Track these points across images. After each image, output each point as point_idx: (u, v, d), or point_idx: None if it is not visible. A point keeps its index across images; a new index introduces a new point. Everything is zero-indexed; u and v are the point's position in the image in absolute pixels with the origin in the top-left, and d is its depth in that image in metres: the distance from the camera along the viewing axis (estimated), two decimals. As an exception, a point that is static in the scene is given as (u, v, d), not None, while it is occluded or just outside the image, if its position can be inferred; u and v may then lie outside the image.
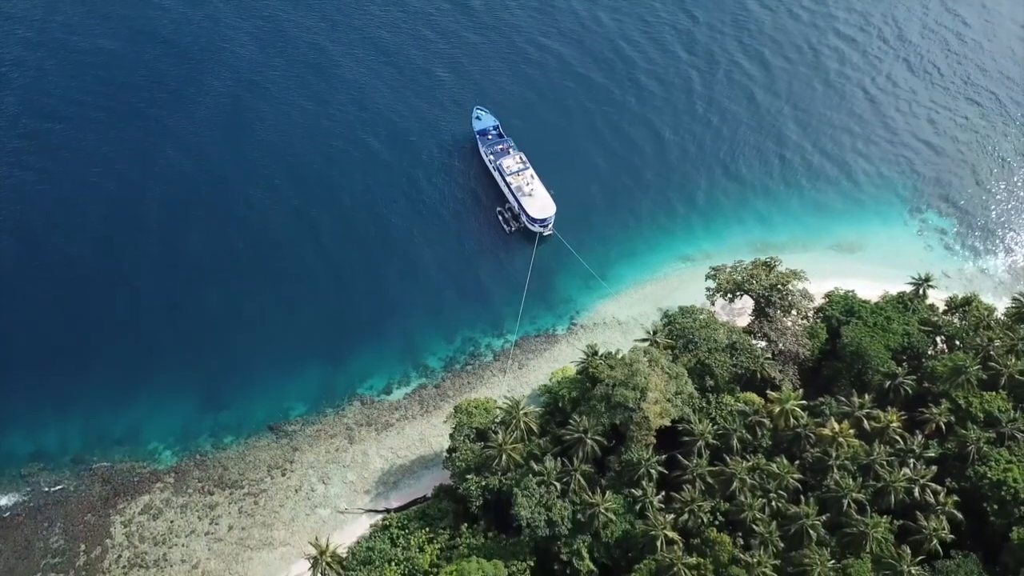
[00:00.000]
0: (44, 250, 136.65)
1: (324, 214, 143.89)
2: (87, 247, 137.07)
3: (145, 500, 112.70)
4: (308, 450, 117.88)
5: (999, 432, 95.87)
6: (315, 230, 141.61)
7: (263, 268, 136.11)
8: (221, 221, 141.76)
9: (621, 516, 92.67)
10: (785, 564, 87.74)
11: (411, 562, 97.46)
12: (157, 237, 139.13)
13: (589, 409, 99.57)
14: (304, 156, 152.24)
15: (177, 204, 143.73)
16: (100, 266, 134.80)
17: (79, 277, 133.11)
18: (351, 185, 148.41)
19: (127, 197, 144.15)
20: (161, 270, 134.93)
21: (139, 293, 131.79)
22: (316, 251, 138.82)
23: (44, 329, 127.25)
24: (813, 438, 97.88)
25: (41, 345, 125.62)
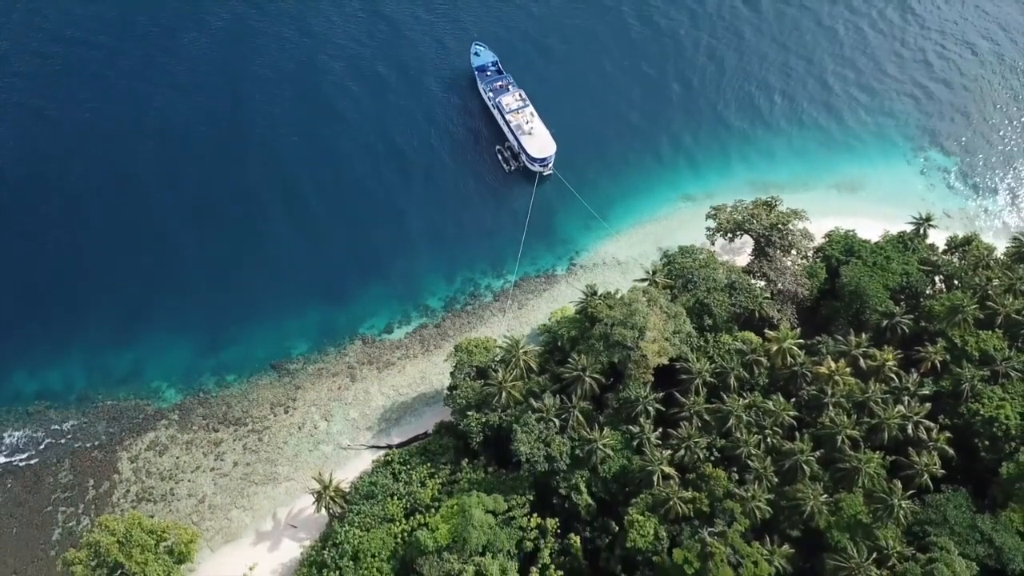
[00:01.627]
0: (43, 192, 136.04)
1: (322, 154, 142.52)
2: (87, 188, 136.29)
3: (151, 437, 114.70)
4: (310, 388, 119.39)
5: (993, 370, 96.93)
6: (314, 170, 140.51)
7: (263, 208, 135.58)
8: (220, 161, 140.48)
9: (619, 452, 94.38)
10: (779, 498, 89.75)
11: (413, 496, 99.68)
12: (157, 177, 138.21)
13: (588, 348, 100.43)
14: (301, 94, 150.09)
15: (176, 143, 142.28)
16: (101, 207, 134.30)
17: (79, 218, 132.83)
18: (349, 124, 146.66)
19: (126, 136, 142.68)
20: (162, 210, 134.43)
21: (140, 232, 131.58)
22: (315, 191, 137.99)
23: (45, 270, 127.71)
24: (810, 376, 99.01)
25: (42, 286, 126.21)
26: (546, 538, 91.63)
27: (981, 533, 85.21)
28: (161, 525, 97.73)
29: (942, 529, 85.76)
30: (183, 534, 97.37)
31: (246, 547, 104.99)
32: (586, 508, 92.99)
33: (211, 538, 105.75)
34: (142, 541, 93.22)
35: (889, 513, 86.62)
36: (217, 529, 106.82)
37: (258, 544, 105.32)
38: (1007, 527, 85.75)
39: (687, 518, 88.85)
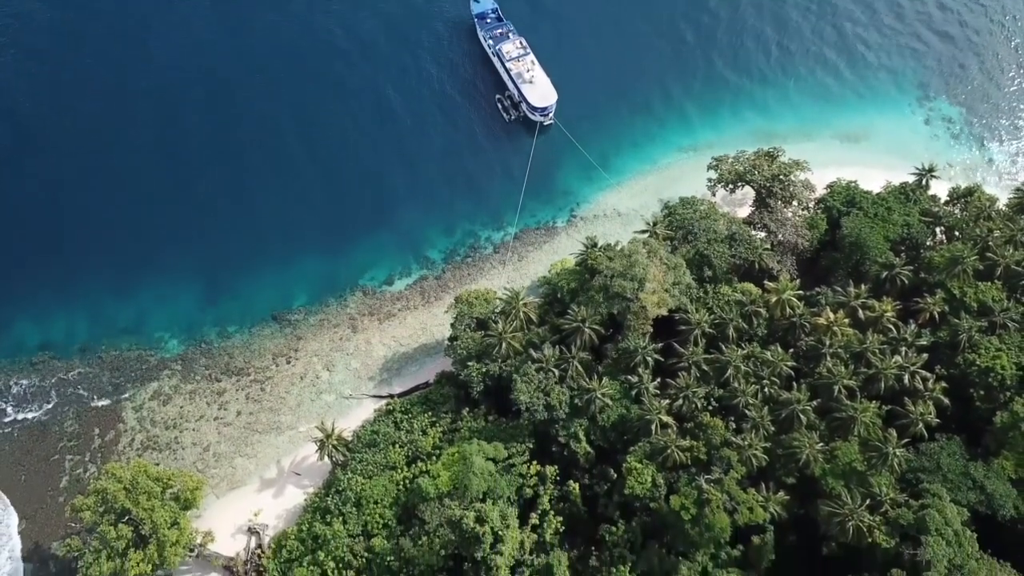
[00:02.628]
0: (43, 140, 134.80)
1: (320, 105, 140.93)
2: (85, 137, 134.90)
3: (154, 387, 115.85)
4: (312, 339, 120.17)
5: (991, 321, 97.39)
6: (312, 122, 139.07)
7: (263, 159, 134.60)
8: (220, 114, 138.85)
9: (617, 401, 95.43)
10: (775, 447, 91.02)
11: (414, 444, 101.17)
12: (157, 128, 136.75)
13: (587, 299, 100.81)
14: (300, 46, 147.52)
15: (176, 92, 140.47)
16: (100, 157, 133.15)
17: (79, 168, 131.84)
18: (347, 74, 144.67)
19: (127, 89, 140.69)
20: (162, 160, 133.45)
21: (140, 184, 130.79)
22: (313, 143, 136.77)
23: (45, 221, 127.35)
24: (808, 327, 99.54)
25: (43, 238, 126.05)
26: (545, 485, 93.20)
27: (973, 480, 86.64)
28: (167, 473, 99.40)
29: (935, 476, 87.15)
30: (188, 481, 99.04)
31: (250, 494, 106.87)
32: (585, 456, 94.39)
33: (216, 485, 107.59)
34: (148, 488, 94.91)
35: (883, 461, 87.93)
36: (222, 477, 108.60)
37: (262, 491, 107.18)
38: (999, 474, 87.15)
39: (684, 466, 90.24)
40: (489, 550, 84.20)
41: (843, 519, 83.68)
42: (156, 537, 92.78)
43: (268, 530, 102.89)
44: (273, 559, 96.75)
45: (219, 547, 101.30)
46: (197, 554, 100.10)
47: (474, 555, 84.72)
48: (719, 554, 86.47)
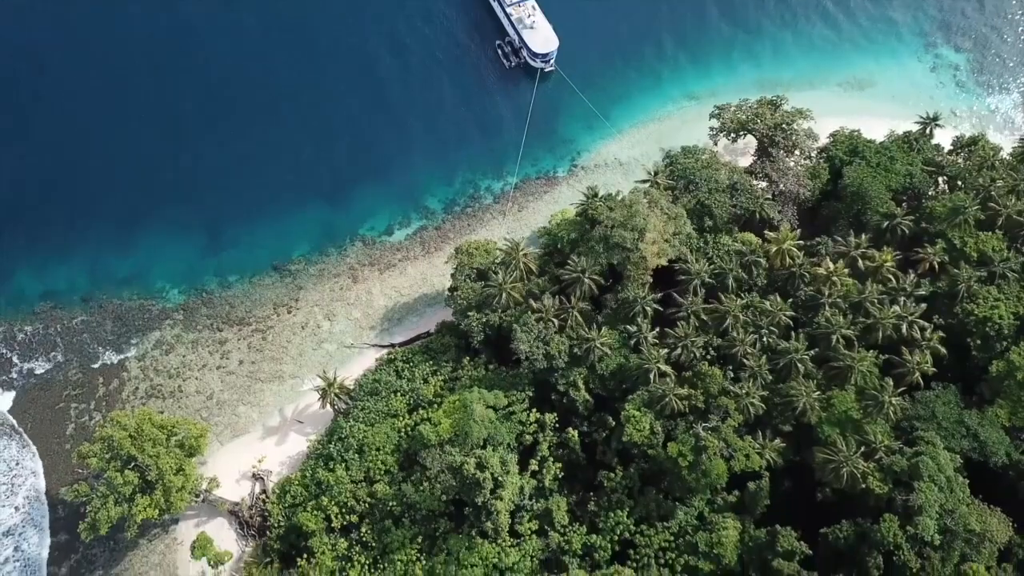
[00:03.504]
0: (43, 93, 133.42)
1: (318, 52, 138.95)
2: (85, 90, 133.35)
3: (156, 336, 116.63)
4: (312, 289, 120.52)
5: (990, 271, 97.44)
6: (312, 68, 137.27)
7: (263, 109, 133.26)
8: (220, 61, 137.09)
9: (616, 351, 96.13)
10: (772, 395, 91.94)
11: (416, 392, 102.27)
12: (155, 77, 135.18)
13: (588, 250, 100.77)
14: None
15: (175, 41, 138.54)
16: (99, 108, 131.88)
17: (78, 119, 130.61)
18: (345, 20, 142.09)
19: (125, 37, 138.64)
20: (160, 110, 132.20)
21: (139, 134, 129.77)
22: (311, 91, 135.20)
23: (45, 172, 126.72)
24: (808, 277, 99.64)
25: (43, 188, 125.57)
26: (545, 432, 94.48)
27: (967, 428, 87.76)
28: (171, 420, 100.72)
29: (929, 424, 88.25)
30: (192, 429, 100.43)
31: (254, 441, 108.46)
32: (584, 404, 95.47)
33: (220, 432, 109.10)
34: (153, 435, 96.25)
35: (879, 409, 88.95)
36: (225, 424, 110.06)
37: (266, 438, 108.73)
38: (992, 422, 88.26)
39: (682, 414, 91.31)
40: (489, 495, 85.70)
41: (838, 466, 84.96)
42: (162, 483, 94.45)
43: (272, 476, 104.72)
44: (277, 504, 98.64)
45: (224, 492, 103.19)
46: (203, 499, 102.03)
47: (475, 500, 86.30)
48: (715, 499, 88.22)
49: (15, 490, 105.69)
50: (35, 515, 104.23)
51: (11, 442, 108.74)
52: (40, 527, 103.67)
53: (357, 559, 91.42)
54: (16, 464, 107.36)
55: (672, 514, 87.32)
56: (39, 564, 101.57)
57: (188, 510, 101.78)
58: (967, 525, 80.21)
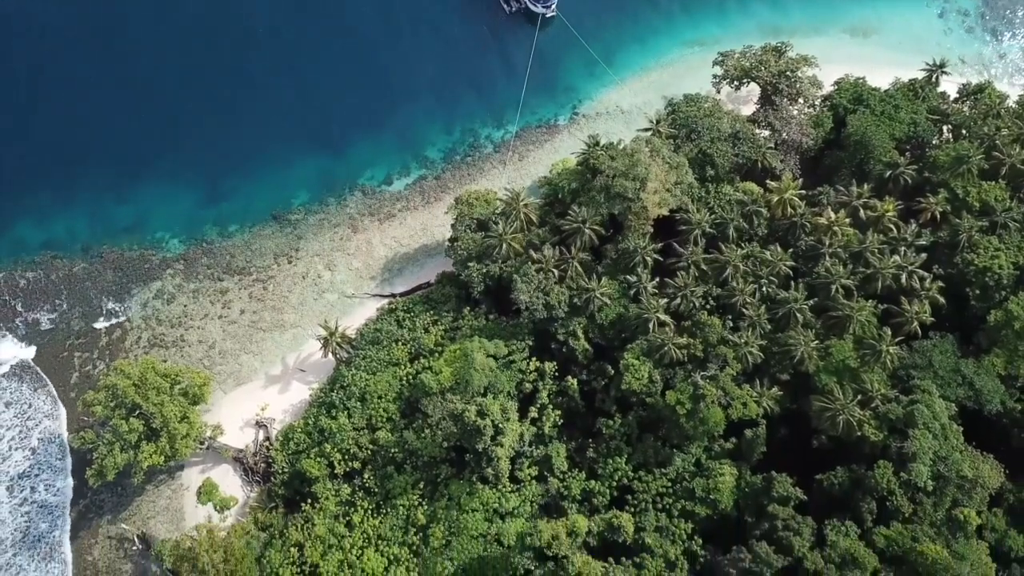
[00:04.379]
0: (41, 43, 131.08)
1: None
2: (81, 38, 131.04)
3: (157, 286, 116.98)
4: (312, 239, 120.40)
5: (992, 221, 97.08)
6: (311, 15, 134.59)
7: (259, 57, 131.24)
8: (220, 10, 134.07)
9: (616, 300, 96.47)
10: (771, 344, 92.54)
11: (417, 342, 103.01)
12: (152, 26, 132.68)
13: (588, 200, 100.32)
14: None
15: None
16: (96, 56, 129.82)
17: (74, 70, 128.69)
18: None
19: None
20: (158, 58, 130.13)
21: (136, 82, 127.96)
22: (309, 38, 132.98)
23: (43, 121, 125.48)
24: (808, 227, 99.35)
25: (41, 137, 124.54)
26: (544, 380, 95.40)
27: (963, 376, 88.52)
28: (174, 369, 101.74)
29: (926, 373, 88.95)
30: (196, 377, 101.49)
31: (257, 390, 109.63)
32: (583, 353, 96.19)
33: (223, 381, 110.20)
34: (157, 384, 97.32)
35: (877, 358, 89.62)
36: (228, 373, 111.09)
37: (268, 387, 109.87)
38: (988, 371, 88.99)
39: (681, 363, 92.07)
40: (490, 442, 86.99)
41: (834, 414, 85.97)
42: (167, 430, 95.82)
43: (275, 424, 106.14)
44: (281, 451, 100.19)
45: (228, 440, 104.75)
46: (207, 446, 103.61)
47: (475, 446, 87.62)
48: (712, 446, 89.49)
49: (28, 433, 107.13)
50: (53, 459, 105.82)
51: (27, 387, 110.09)
52: (59, 470, 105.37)
53: (360, 504, 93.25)
54: (30, 407, 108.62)
55: (670, 461, 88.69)
56: (59, 507, 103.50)
57: (193, 457, 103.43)
58: (960, 471, 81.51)
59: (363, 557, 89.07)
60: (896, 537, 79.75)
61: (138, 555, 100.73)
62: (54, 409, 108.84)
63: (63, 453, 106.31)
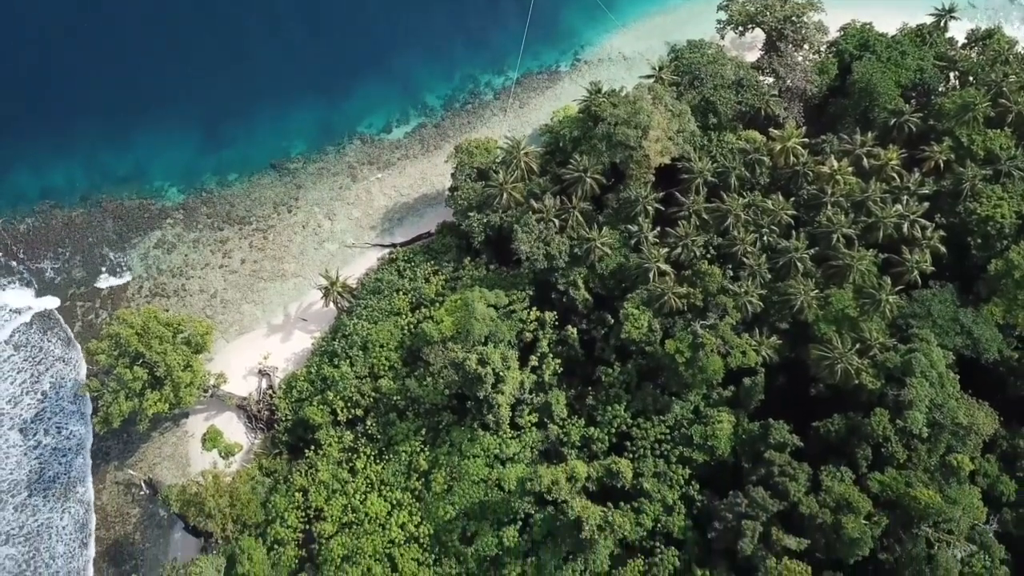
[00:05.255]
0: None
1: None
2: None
3: (158, 235, 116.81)
4: (312, 188, 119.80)
5: (996, 169, 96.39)
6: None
7: (258, 2, 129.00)
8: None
9: (616, 250, 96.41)
10: (771, 293, 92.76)
11: (418, 291, 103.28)
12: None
13: (590, 148, 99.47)
14: None
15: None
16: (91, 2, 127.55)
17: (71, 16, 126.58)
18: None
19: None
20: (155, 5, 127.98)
21: (133, 32, 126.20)
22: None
23: (39, 69, 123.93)
24: (811, 176, 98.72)
25: (37, 85, 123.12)
26: (544, 330, 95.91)
27: (961, 326, 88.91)
28: (176, 318, 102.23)
29: (925, 322, 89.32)
30: (198, 326, 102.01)
31: (259, 339, 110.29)
32: (583, 303, 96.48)
33: (225, 330, 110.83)
34: (159, 333, 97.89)
35: (876, 307, 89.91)
36: (230, 322, 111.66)
37: (270, 336, 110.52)
38: (987, 320, 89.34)
39: (681, 312, 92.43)
40: (491, 389, 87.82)
41: (832, 362, 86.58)
42: (171, 378, 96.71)
43: (278, 372, 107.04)
44: (284, 399, 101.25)
45: (232, 388, 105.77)
46: (211, 394, 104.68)
47: (477, 394, 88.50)
48: (711, 394, 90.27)
49: (40, 378, 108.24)
50: (65, 402, 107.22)
51: (37, 332, 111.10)
52: (71, 413, 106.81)
53: (363, 450, 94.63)
54: (40, 351, 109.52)
55: (668, 408, 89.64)
56: (73, 449, 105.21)
57: (197, 405, 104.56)
58: (955, 419, 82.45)
59: (366, 502, 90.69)
60: (890, 482, 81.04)
61: (145, 500, 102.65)
62: (66, 352, 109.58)
63: (76, 396, 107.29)
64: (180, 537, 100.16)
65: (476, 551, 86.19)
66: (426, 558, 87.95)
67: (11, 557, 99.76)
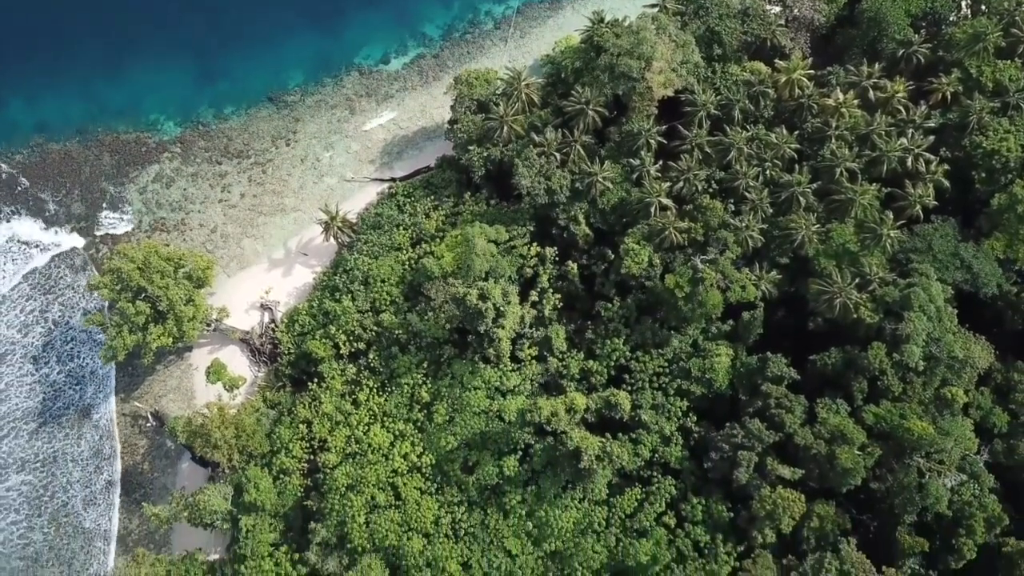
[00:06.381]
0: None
1: None
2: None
3: (156, 169, 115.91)
4: (310, 121, 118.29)
5: (1004, 102, 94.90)
6: None
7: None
8: None
9: (618, 184, 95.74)
10: (772, 228, 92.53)
11: (418, 227, 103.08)
12: None
13: (592, 79, 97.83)
14: None
15: None
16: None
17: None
18: None
19: None
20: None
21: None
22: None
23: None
24: (816, 108, 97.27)
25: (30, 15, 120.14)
26: (545, 265, 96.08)
27: (961, 260, 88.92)
28: (177, 253, 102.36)
29: (925, 256, 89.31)
30: (199, 261, 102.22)
31: (260, 273, 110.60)
32: (584, 238, 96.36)
33: (226, 265, 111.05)
34: (161, 267, 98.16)
35: (877, 242, 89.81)
36: (231, 257, 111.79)
37: (271, 270, 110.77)
38: (987, 255, 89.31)
39: (681, 247, 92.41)
40: (491, 324, 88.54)
41: (831, 296, 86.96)
42: (173, 312, 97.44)
43: (280, 306, 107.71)
44: (287, 333, 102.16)
45: (234, 322, 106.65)
46: (214, 328, 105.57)
47: (477, 328, 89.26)
48: (710, 328, 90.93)
49: (48, 307, 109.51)
50: (76, 331, 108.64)
51: (44, 260, 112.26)
52: (84, 341, 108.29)
53: (366, 383, 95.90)
54: (50, 280, 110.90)
55: (667, 342, 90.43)
56: (86, 376, 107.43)
57: (200, 339, 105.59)
58: (951, 352, 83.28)
59: (369, 433, 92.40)
60: (885, 415, 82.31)
61: (152, 431, 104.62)
62: (75, 280, 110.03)
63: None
64: (187, 467, 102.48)
65: (477, 480, 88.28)
66: (428, 487, 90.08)
67: (28, 483, 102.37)
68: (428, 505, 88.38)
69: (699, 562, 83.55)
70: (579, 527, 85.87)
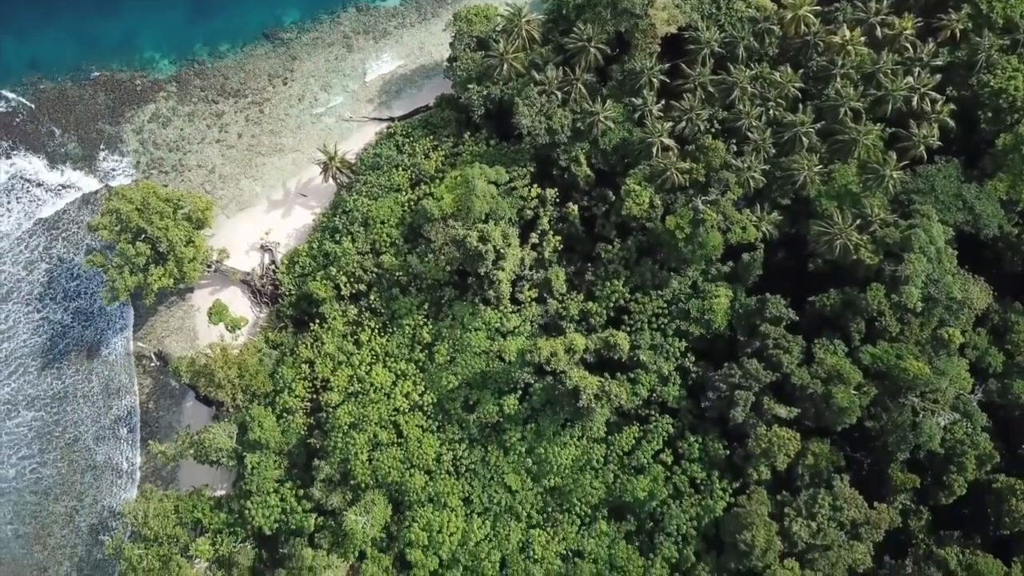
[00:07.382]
0: None
1: None
2: None
3: (151, 109, 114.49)
4: (307, 59, 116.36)
5: (1014, 39, 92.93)
6: None
7: None
8: None
9: (620, 124, 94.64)
10: (774, 169, 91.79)
11: (417, 167, 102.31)
12: None
13: (594, 16, 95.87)
14: None
15: None
16: None
17: None
18: None
19: None
20: None
21: None
22: None
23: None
24: (822, 46, 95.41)
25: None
26: (545, 207, 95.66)
27: (964, 201, 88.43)
28: (176, 194, 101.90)
29: (927, 198, 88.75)
30: (198, 202, 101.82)
31: (259, 214, 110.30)
32: (585, 179, 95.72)
33: (225, 206, 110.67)
34: (160, 208, 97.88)
35: (879, 183, 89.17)
36: (230, 198, 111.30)
37: (271, 211, 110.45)
38: (990, 196, 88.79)
39: (682, 188, 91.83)
40: (491, 266, 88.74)
41: (832, 238, 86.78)
42: (173, 254, 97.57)
43: (280, 248, 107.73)
44: (287, 274, 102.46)
45: (235, 263, 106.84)
46: (215, 269, 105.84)
47: (478, 270, 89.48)
48: (709, 269, 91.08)
49: (52, 243, 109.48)
50: (80, 268, 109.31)
51: (50, 197, 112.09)
52: (91, 277, 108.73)
53: (367, 324, 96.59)
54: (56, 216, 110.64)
55: (666, 283, 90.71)
56: (92, 313, 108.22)
57: (201, 280, 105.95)
58: (949, 293, 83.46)
59: (371, 372, 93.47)
60: (881, 355, 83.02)
61: (156, 371, 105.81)
62: (80, 215, 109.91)
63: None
64: (192, 406, 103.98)
65: (478, 418, 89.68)
66: (430, 425, 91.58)
67: (38, 419, 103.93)
68: (430, 442, 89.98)
69: (695, 498, 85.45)
70: (578, 464, 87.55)
